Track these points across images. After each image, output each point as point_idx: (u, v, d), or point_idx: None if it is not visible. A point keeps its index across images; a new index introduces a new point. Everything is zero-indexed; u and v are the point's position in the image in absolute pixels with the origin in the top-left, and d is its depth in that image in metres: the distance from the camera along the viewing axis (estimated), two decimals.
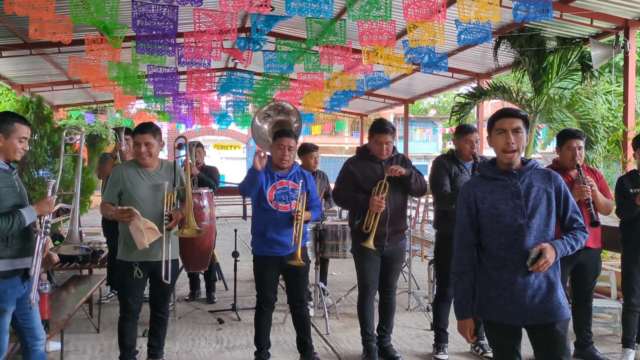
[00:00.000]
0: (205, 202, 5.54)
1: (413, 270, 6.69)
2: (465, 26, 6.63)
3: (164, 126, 19.94)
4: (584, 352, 4.63)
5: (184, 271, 5.91)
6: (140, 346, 4.47)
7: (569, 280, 4.70)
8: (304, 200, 4.21)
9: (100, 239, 7.92)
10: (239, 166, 33.18)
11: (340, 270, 8.29)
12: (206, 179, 6.26)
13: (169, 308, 4.63)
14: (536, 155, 21.50)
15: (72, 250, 3.48)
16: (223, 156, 33.62)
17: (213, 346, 4.97)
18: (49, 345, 4.74)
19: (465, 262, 2.86)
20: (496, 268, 2.74)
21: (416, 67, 9.58)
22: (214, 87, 12.66)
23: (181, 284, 6.87)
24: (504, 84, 9.22)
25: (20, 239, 3.19)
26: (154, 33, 6.75)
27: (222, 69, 12.98)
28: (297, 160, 4.54)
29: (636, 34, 7.50)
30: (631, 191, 4.37)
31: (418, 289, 6.86)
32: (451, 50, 9.46)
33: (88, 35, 8.12)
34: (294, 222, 4.12)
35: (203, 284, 6.59)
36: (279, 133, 4.30)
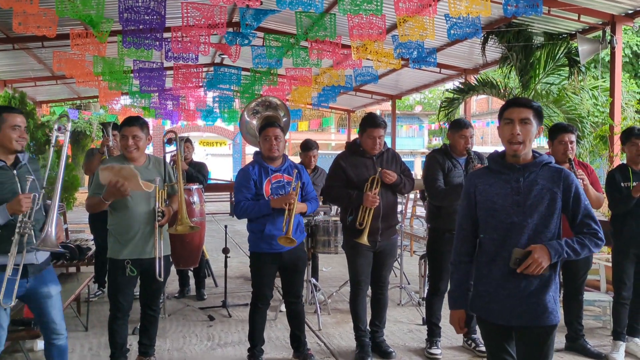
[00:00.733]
0: (196, 198, 5.48)
1: (403, 266, 6.69)
2: (454, 21, 6.62)
3: (149, 122, 19.73)
4: (575, 345, 4.66)
5: (174, 268, 5.86)
6: (130, 344, 4.40)
7: (560, 273, 4.71)
8: (298, 187, 4.15)
9: (87, 236, 7.82)
10: (225, 163, 33.02)
11: (330, 266, 8.27)
12: (195, 174, 6.19)
13: (159, 305, 4.57)
14: None
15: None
16: (209, 153, 33.39)
17: (204, 343, 4.92)
18: (37, 344, 4.69)
19: (462, 252, 2.78)
20: (486, 263, 2.66)
21: (405, 62, 9.57)
22: (200, 82, 12.56)
23: (170, 281, 6.79)
24: (491, 79, 9.24)
25: None
26: (141, 27, 6.66)
27: (209, 64, 12.89)
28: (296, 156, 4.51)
29: (622, 29, 7.56)
30: (622, 185, 4.40)
31: (409, 283, 6.86)
32: (440, 46, 9.47)
33: (73, 30, 8.00)
34: (286, 208, 4.04)
35: (192, 281, 6.53)
36: (263, 126, 4.28)
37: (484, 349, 3.64)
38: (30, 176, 3.19)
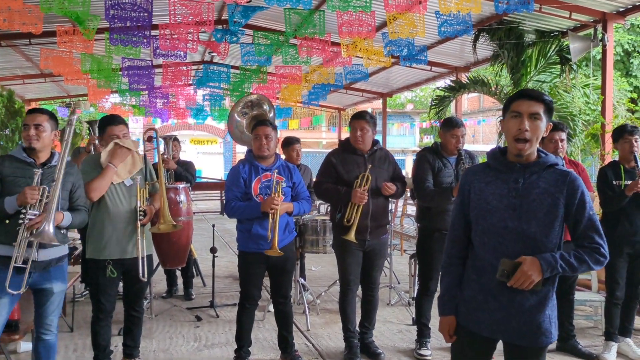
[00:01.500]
0: (182, 197, 5.40)
1: (393, 265, 6.64)
2: (445, 18, 6.57)
3: (139, 121, 19.59)
4: (567, 345, 4.63)
5: (161, 268, 5.78)
6: (115, 345, 4.33)
7: None
8: (279, 189, 4.07)
9: (74, 235, 7.72)
10: (215, 161, 32.89)
11: (319, 265, 8.21)
12: (184, 173, 6.13)
13: (144, 305, 4.49)
14: None
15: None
16: (200, 151, 33.26)
17: (191, 344, 4.84)
18: (20, 345, 4.60)
19: (454, 254, 2.53)
20: (476, 268, 2.43)
21: (395, 60, 9.52)
22: (190, 80, 12.46)
23: (158, 280, 6.73)
24: (482, 77, 9.20)
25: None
26: (128, 24, 6.56)
27: (198, 62, 12.79)
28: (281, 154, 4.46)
29: (614, 27, 7.53)
30: (614, 183, 4.36)
31: (398, 283, 6.81)
32: (430, 44, 9.42)
33: (60, 26, 7.88)
34: (269, 212, 3.96)
35: (180, 281, 6.45)
36: (254, 125, 4.25)
37: None
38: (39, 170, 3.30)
